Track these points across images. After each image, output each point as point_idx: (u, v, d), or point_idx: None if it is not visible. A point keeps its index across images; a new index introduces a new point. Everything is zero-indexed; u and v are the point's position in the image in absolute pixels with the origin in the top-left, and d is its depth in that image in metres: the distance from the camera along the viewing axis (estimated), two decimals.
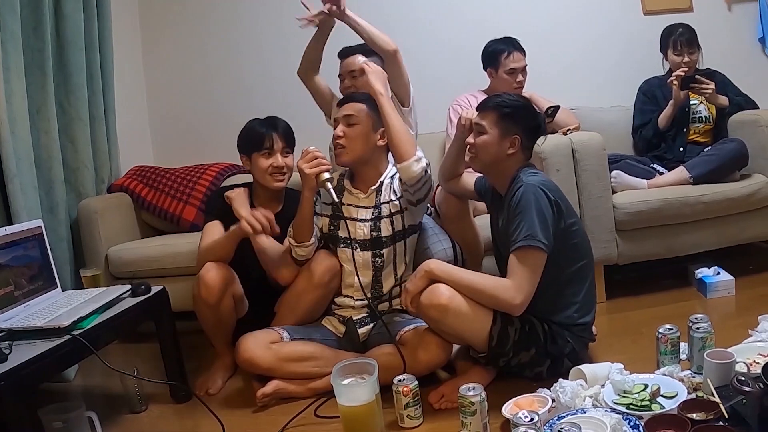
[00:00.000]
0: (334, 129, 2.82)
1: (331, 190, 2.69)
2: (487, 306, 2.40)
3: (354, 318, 2.84)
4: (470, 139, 2.63)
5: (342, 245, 2.84)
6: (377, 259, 2.83)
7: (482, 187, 2.85)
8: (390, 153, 2.84)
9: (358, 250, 2.83)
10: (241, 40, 4.54)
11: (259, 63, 4.52)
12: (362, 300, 2.84)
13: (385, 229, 2.82)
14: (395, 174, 2.84)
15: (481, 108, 2.63)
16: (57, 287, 2.74)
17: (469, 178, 2.94)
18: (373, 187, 2.84)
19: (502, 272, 2.49)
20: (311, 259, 2.83)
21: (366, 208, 2.85)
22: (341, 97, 3.11)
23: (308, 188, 2.72)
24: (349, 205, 2.87)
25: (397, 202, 2.82)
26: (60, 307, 2.47)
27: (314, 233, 2.82)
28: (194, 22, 4.56)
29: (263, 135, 3.01)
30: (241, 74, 4.49)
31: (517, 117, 2.55)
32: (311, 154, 2.70)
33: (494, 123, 2.54)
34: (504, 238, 2.50)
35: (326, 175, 2.69)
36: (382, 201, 2.83)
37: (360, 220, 2.84)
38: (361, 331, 2.83)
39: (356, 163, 2.83)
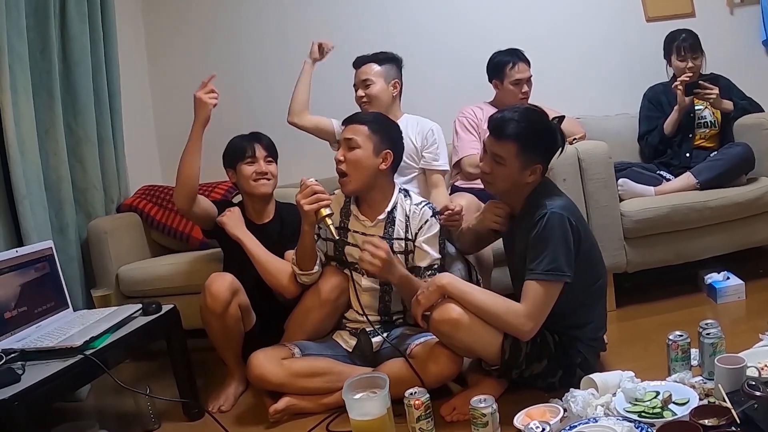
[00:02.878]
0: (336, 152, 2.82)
1: (331, 227, 2.67)
2: (497, 327, 2.40)
3: (367, 329, 2.83)
4: (486, 167, 2.53)
5: (349, 268, 2.84)
6: (385, 285, 2.84)
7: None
8: (395, 175, 2.88)
9: (364, 275, 2.82)
10: (245, 60, 4.57)
11: (264, 82, 4.55)
12: (372, 315, 2.83)
13: (397, 262, 2.79)
14: (413, 208, 2.83)
15: (498, 135, 2.45)
16: (68, 307, 2.75)
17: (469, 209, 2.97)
18: (380, 217, 2.82)
19: (516, 288, 2.49)
20: (320, 276, 2.84)
21: (372, 236, 2.80)
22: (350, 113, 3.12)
23: (308, 223, 2.70)
24: (355, 231, 2.85)
25: (404, 243, 2.81)
26: (72, 327, 2.48)
27: (318, 259, 2.82)
28: (199, 43, 4.60)
29: (245, 146, 3.11)
30: (246, 94, 4.51)
31: (539, 146, 2.46)
32: (310, 188, 2.66)
33: (515, 155, 2.42)
34: (520, 261, 2.47)
35: (326, 211, 2.66)
36: (395, 236, 2.81)
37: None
38: (374, 340, 2.81)
39: (361, 191, 2.81)
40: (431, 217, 2.81)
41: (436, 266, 2.80)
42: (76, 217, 3.58)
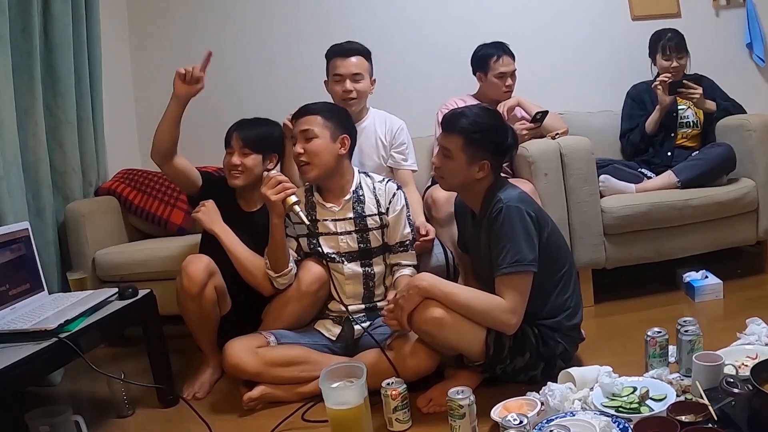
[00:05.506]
0: (294, 146, 2.80)
1: (301, 213, 2.67)
2: (482, 323, 2.40)
3: (351, 317, 2.83)
4: (436, 161, 2.59)
5: (327, 260, 2.82)
6: (367, 268, 2.85)
7: (459, 206, 2.84)
8: (352, 159, 2.90)
9: (345, 262, 2.83)
10: (228, 45, 4.51)
11: (246, 68, 4.51)
12: (355, 305, 2.84)
13: (375, 240, 2.84)
14: (378, 185, 2.87)
15: (446, 128, 2.53)
16: (44, 290, 2.72)
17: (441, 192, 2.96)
18: (346, 198, 2.84)
19: (486, 282, 2.49)
20: (300, 267, 2.83)
21: (343, 220, 2.84)
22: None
23: (276, 214, 2.69)
24: (324, 220, 2.86)
25: (378, 218, 2.84)
26: (47, 309, 2.46)
27: (290, 258, 2.81)
28: (182, 27, 4.55)
29: (228, 135, 3.06)
30: (228, 79, 4.46)
31: (485, 141, 2.48)
32: (274, 179, 2.67)
33: (461, 148, 2.48)
34: (486, 261, 2.49)
35: (293, 198, 2.66)
36: (366, 213, 2.83)
37: (341, 234, 2.84)
38: (357, 328, 2.83)
39: (323, 177, 2.81)
40: (397, 190, 2.88)
41: (407, 242, 2.85)
42: (54, 200, 3.53)
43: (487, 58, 3.74)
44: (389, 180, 2.92)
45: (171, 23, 4.56)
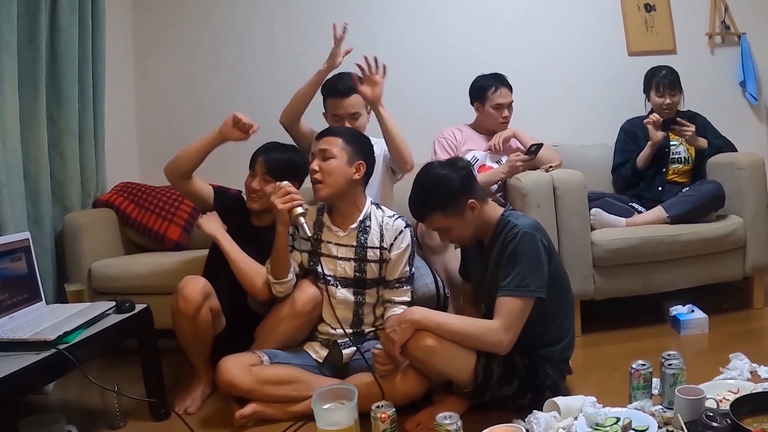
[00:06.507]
0: (310, 163, 2.86)
1: (305, 225, 2.72)
2: (476, 348, 2.45)
3: (339, 341, 2.86)
4: (443, 237, 2.73)
5: (322, 281, 2.86)
6: (359, 297, 2.89)
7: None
8: (366, 188, 2.93)
9: (339, 287, 2.87)
10: (231, 64, 4.57)
11: (248, 86, 4.54)
12: (345, 328, 2.85)
13: (371, 272, 2.86)
14: (386, 220, 2.90)
15: (414, 213, 2.68)
16: (42, 300, 2.74)
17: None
18: (353, 226, 2.88)
19: (491, 307, 2.51)
20: (295, 287, 2.86)
21: (346, 246, 2.88)
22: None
23: (282, 223, 2.75)
24: (328, 242, 2.90)
25: (379, 252, 2.86)
26: (45, 320, 2.48)
27: (292, 269, 2.85)
28: (186, 43, 4.60)
29: (254, 156, 3.11)
30: (230, 98, 4.49)
31: (455, 189, 2.55)
32: (283, 189, 2.75)
33: (444, 218, 2.59)
34: (491, 288, 2.53)
35: (299, 210, 2.72)
36: (368, 245, 2.87)
37: (340, 258, 2.87)
38: (344, 352, 2.85)
39: (334, 198, 2.86)
40: (405, 228, 2.89)
41: (404, 279, 2.87)
42: (52, 210, 3.55)
43: (485, 89, 3.81)
44: (399, 217, 2.93)
45: (174, 40, 4.60)
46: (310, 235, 2.78)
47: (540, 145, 3.61)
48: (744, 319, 3.60)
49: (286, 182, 2.79)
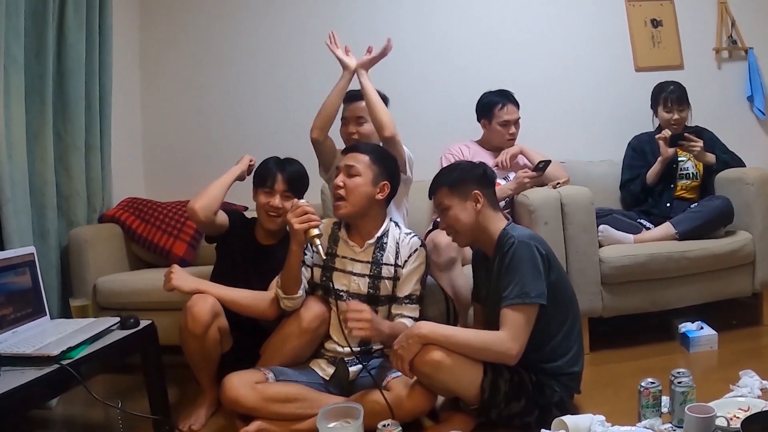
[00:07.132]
0: (335, 177, 2.84)
1: (320, 247, 2.69)
2: (485, 360, 2.43)
3: (346, 359, 2.83)
4: (445, 227, 2.73)
5: (334, 296, 2.81)
6: None
7: (475, 256, 2.90)
8: (388, 207, 2.91)
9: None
10: (237, 81, 4.59)
11: (253, 103, 4.56)
12: (352, 345, 2.82)
13: (384, 289, 2.83)
14: (403, 237, 2.88)
15: (430, 194, 2.77)
16: (46, 315, 2.73)
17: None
18: (370, 242, 2.85)
19: (491, 322, 2.51)
20: (301, 305, 2.83)
21: (361, 262, 2.85)
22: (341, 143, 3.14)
23: (296, 242, 2.71)
24: (343, 257, 2.87)
25: (393, 269, 2.83)
26: (49, 335, 2.46)
27: (302, 285, 2.82)
28: (192, 59, 4.62)
29: (269, 173, 3.06)
30: (235, 114, 4.53)
31: (463, 176, 2.68)
32: (301, 209, 2.68)
33: (447, 195, 2.67)
34: (495, 297, 2.52)
35: (315, 231, 2.67)
36: (383, 261, 2.84)
37: (355, 274, 2.84)
38: (351, 370, 2.82)
39: (354, 217, 2.84)
40: (420, 246, 2.87)
41: (414, 297, 2.83)
42: (58, 224, 3.57)
43: (492, 105, 3.81)
44: (415, 235, 2.91)
45: (180, 57, 4.63)
46: (324, 257, 2.76)
47: (548, 162, 3.60)
48: (754, 335, 3.56)
49: (303, 200, 2.75)
